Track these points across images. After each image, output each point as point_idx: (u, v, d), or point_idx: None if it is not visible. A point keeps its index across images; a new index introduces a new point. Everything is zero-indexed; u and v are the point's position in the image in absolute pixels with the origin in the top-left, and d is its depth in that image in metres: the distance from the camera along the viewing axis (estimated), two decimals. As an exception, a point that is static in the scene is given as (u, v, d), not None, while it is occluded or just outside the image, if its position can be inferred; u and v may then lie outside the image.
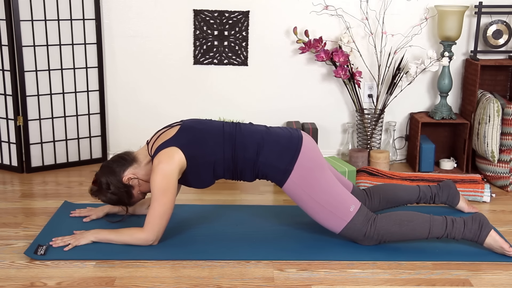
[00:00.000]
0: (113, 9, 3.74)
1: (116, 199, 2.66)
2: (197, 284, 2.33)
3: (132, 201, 2.71)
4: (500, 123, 3.44)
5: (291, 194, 2.63)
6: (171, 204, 2.55)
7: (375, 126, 3.80)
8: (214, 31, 3.77)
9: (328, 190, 2.58)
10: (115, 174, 2.64)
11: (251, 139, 2.61)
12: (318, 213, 2.60)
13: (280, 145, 2.61)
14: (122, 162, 2.67)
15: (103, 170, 2.67)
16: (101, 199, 2.68)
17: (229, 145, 2.60)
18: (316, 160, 2.63)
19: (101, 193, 2.65)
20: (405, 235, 2.57)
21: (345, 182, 2.87)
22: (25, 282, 2.33)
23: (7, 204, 3.16)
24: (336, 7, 3.75)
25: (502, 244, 2.56)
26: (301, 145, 2.61)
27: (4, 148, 3.70)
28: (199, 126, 2.66)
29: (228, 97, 3.88)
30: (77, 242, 2.59)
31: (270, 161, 2.59)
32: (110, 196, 2.64)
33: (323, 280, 2.38)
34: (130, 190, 2.66)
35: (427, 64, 3.64)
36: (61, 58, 3.63)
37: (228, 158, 2.61)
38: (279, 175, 2.60)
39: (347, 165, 3.30)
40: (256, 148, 2.60)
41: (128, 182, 2.64)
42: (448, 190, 2.99)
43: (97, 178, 2.65)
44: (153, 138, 2.70)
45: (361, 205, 2.61)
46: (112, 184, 2.62)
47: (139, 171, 2.67)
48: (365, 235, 2.59)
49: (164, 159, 2.53)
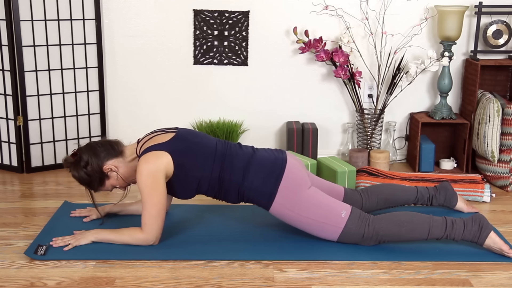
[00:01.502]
0: (113, 9, 3.74)
1: (86, 180, 2.63)
2: (197, 284, 2.33)
3: (100, 189, 2.69)
4: (500, 123, 3.44)
5: (279, 215, 2.64)
6: (162, 205, 2.54)
7: (375, 126, 3.80)
8: (214, 31, 3.77)
9: (314, 203, 2.59)
10: (98, 158, 2.61)
11: (239, 163, 2.62)
12: (311, 227, 2.61)
13: (265, 169, 2.61)
14: (109, 150, 2.65)
15: (88, 148, 2.65)
16: (72, 173, 2.64)
17: (218, 164, 2.61)
18: (300, 179, 2.63)
19: (75, 168, 2.62)
20: (405, 236, 2.57)
21: (335, 188, 2.87)
22: (25, 282, 2.33)
23: (7, 204, 3.16)
24: (336, 7, 3.75)
25: (501, 245, 2.56)
26: (284, 168, 2.62)
27: (4, 148, 3.70)
28: (194, 138, 2.65)
29: (228, 97, 3.88)
30: (77, 242, 2.59)
31: (255, 185, 2.61)
32: (82, 174, 2.61)
33: (323, 280, 2.38)
34: (104, 179, 2.64)
35: (427, 64, 3.64)
36: (61, 58, 3.63)
37: (215, 177, 2.61)
38: (264, 199, 2.61)
39: (347, 165, 3.30)
40: (242, 172, 2.61)
41: (106, 172, 2.63)
42: (445, 192, 2.99)
43: (79, 153, 2.62)
44: (144, 138, 2.69)
45: (352, 208, 2.61)
46: (91, 166, 2.60)
47: (121, 166, 2.66)
48: (363, 236, 2.58)
49: (151, 159, 2.52)
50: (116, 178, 2.66)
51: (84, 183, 2.65)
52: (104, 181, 2.65)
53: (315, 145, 3.73)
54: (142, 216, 2.56)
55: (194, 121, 3.90)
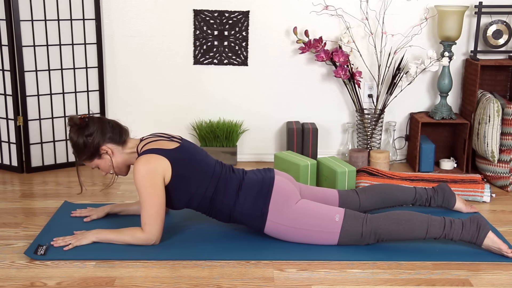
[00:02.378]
0: (113, 9, 3.74)
1: (79, 147, 2.61)
2: (197, 284, 2.33)
3: (84, 162, 2.66)
4: (500, 123, 3.44)
5: (275, 233, 2.65)
6: (161, 204, 2.55)
7: (375, 126, 3.80)
8: (214, 31, 3.77)
9: (307, 214, 2.60)
10: (102, 136, 2.61)
11: (231, 186, 2.64)
12: (309, 238, 2.63)
13: (254, 192, 2.63)
14: (115, 135, 2.65)
15: (99, 122, 2.63)
16: (71, 134, 2.62)
17: (213, 185, 2.62)
18: (289, 192, 2.65)
19: (77, 132, 2.60)
20: (403, 234, 2.57)
21: (329, 193, 2.88)
22: (25, 282, 2.33)
23: (7, 204, 3.16)
24: (336, 7, 3.75)
25: (500, 245, 2.56)
26: (272, 186, 2.63)
27: (4, 148, 3.70)
28: (197, 155, 2.66)
29: (228, 97, 3.88)
30: (78, 242, 2.59)
31: (246, 209, 2.62)
32: (80, 141, 2.59)
33: (323, 280, 2.38)
34: (95, 156, 2.63)
35: (427, 64, 3.64)
36: (61, 58, 3.63)
37: (207, 197, 2.63)
38: (257, 221, 2.62)
39: (347, 165, 3.30)
40: (234, 196, 2.63)
41: (102, 152, 2.63)
42: (443, 193, 3.00)
43: (89, 121, 2.61)
44: (148, 138, 2.69)
45: (345, 211, 2.62)
46: (92, 139, 2.59)
47: (117, 154, 2.66)
48: (362, 235, 2.59)
49: (152, 161, 2.53)
50: (106, 162, 2.65)
51: (76, 149, 2.63)
52: (94, 158, 2.64)
53: (315, 145, 3.73)
54: (141, 216, 2.56)
55: (194, 121, 3.90)
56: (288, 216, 2.60)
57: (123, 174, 2.74)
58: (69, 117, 2.64)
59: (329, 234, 2.60)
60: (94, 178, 3.57)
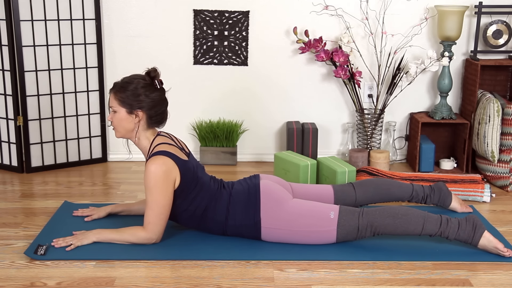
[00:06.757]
0: (113, 9, 3.74)
1: (131, 90, 2.57)
2: (197, 284, 2.33)
3: (112, 106, 2.62)
4: (500, 123, 3.44)
5: (272, 239, 2.66)
6: (168, 206, 2.57)
7: (375, 126, 3.80)
8: (214, 31, 3.77)
9: (301, 213, 2.61)
10: (150, 107, 2.59)
11: (221, 203, 2.65)
12: (307, 238, 2.63)
13: (243, 204, 2.64)
14: (153, 118, 2.62)
15: (160, 100, 2.62)
16: (139, 78, 2.60)
17: (204, 204, 2.64)
18: (278, 195, 2.65)
19: (145, 84, 2.59)
20: (399, 228, 2.57)
21: (323, 189, 2.89)
22: (25, 282, 2.33)
23: (7, 204, 3.16)
24: (336, 7, 3.75)
25: (496, 244, 2.56)
26: (259, 193, 2.64)
27: (4, 148, 3.70)
28: (199, 172, 2.66)
29: (228, 97, 3.88)
30: (79, 243, 2.59)
31: (238, 222, 2.64)
32: (138, 87, 2.57)
33: (323, 280, 2.38)
34: (128, 107, 2.58)
35: (427, 64, 3.64)
36: (61, 58, 3.63)
37: (197, 215, 2.65)
38: (252, 230, 2.64)
39: (347, 165, 3.30)
40: (225, 212, 2.64)
41: (135, 112, 2.59)
42: (439, 191, 3.00)
43: (159, 89, 2.61)
44: (164, 137, 2.67)
45: (340, 207, 2.62)
46: (144, 98, 2.57)
47: (138, 128, 2.62)
48: (358, 228, 2.59)
49: (169, 164, 2.53)
50: (125, 120, 2.60)
51: (127, 88, 2.58)
52: (125, 107, 2.59)
53: (315, 145, 3.73)
54: (145, 215, 2.56)
55: (194, 121, 3.90)
56: (282, 219, 2.61)
57: (120, 136, 2.68)
58: (154, 68, 2.62)
59: (326, 232, 2.60)
60: (94, 178, 3.58)
